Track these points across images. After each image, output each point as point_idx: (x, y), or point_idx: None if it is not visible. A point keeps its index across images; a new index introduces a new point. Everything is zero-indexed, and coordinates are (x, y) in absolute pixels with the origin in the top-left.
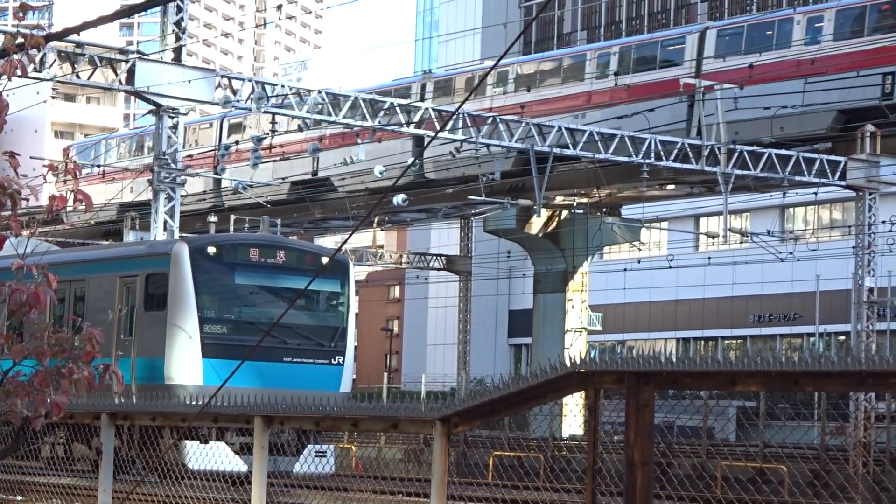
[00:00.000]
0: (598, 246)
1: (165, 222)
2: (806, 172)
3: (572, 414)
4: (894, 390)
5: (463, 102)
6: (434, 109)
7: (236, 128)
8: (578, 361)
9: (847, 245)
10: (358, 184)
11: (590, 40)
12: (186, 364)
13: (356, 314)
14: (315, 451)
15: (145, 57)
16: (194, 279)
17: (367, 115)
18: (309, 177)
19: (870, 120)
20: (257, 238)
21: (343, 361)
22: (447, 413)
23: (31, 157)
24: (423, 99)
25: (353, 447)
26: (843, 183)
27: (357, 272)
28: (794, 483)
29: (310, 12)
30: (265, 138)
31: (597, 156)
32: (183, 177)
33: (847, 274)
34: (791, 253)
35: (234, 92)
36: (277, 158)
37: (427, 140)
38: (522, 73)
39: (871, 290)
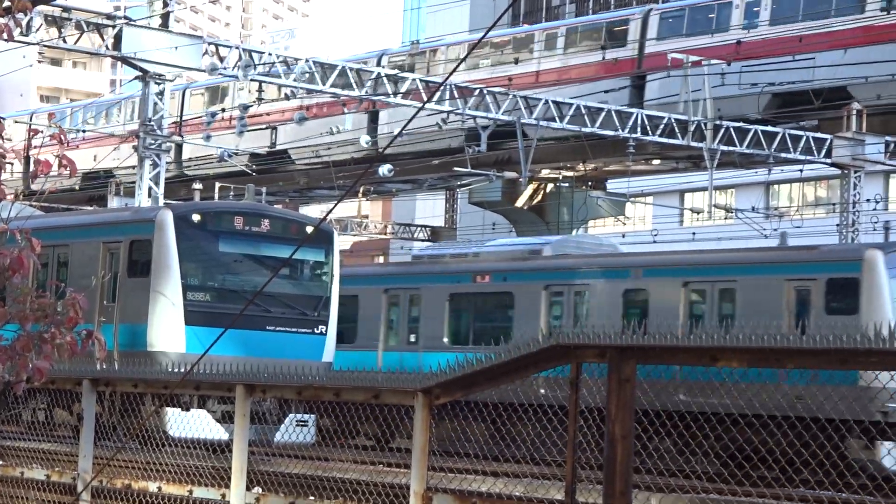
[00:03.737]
0: (583, 219)
1: (150, 189)
2: (792, 149)
3: None
4: (875, 369)
5: (451, 73)
6: (421, 80)
7: None
8: (560, 335)
9: (831, 223)
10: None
11: (577, 13)
12: (169, 331)
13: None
14: (296, 421)
15: (132, 23)
16: (178, 246)
17: (355, 85)
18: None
19: None
20: (242, 206)
21: (326, 331)
22: (429, 384)
23: (14, 122)
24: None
25: None
26: (828, 161)
27: (342, 242)
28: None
29: None
30: (251, 106)
31: (583, 129)
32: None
33: None
34: (776, 229)
35: (221, 59)
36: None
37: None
38: None
39: None
